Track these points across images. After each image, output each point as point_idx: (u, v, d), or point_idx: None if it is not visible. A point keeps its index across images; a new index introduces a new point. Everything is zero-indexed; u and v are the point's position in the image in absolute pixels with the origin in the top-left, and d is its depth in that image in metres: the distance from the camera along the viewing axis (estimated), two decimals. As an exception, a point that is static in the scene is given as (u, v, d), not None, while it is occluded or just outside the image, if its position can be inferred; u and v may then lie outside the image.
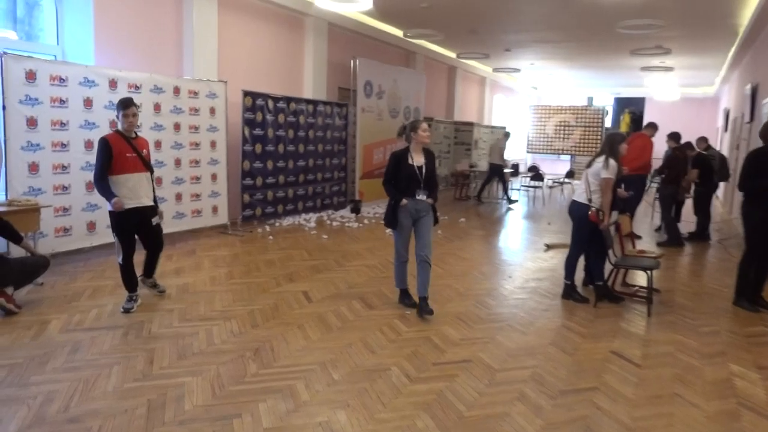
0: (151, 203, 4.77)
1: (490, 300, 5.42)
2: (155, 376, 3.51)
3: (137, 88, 6.69)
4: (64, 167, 5.97)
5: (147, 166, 4.72)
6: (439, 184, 5.08)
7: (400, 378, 3.61)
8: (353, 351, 4.03)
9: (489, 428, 3.05)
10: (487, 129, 18.00)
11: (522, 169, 18.21)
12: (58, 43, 6.77)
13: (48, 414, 3.00)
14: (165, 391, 3.32)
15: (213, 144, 7.80)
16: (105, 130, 6.01)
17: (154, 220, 4.76)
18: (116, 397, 3.23)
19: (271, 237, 7.96)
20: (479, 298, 5.47)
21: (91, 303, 4.83)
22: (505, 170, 13.22)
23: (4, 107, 5.42)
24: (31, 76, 5.60)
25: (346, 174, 10.98)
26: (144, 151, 4.71)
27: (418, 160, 4.81)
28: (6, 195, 5.53)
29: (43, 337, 4.04)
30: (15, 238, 4.71)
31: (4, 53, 5.41)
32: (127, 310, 4.62)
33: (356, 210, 10.37)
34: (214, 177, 7.87)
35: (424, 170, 4.79)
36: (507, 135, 13.70)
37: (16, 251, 5.17)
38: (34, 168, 5.69)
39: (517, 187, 14.82)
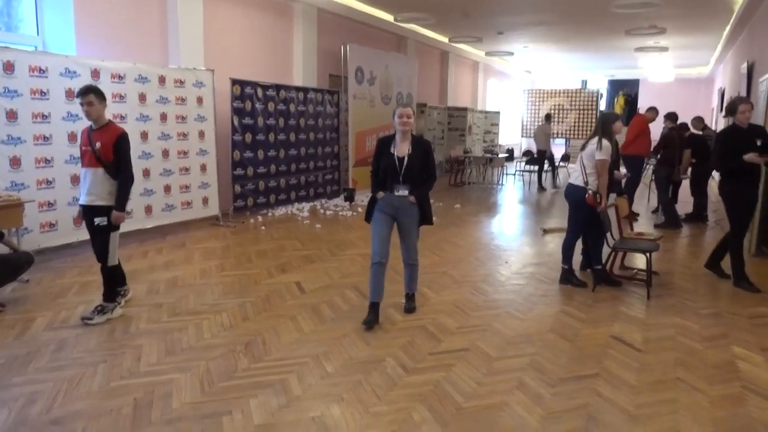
0: (98, 203, 4.16)
1: (486, 286, 5.32)
2: (142, 374, 3.39)
3: (121, 78, 6.51)
4: (47, 161, 5.81)
5: (99, 162, 4.12)
6: (436, 178, 4.51)
7: (395, 369, 3.51)
8: (347, 342, 3.92)
9: (488, 419, 2.96)
10: (480, 114, 17.84)
11: (517, 153, 18.09)
12: (38, 34, 6.58)
13: (30, 416, 2.89)
14: (152, 389, 3.20)
15: (201, 134, 7.64)
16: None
17: (97, 220, 4.20)
18: (101, 396, 3.11)
19: (263, 227, 7.83)
20: (476, 284, 5.37)
21: (78, 299, 4.70)
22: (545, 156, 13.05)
23: (-18, 100, 5.26)
24: (9, 67, 5.43)
25: (339, 162, 10.83)
26: (97, 144, 4.10)
27: (401, 150, 4.25)
28: (-13, 190, 5.37)
29: (27, 336, 3.92)
30: (-5, 234, 4.57)
31: (-20, 44, 5.24)
32: (114, 306, 4.48)
33: (350, 198, 10.24)
34: (203, 168, 7.71)
35: (405, 162, 4.23)
36: (548, 117, 13.58)
37: (-1, 248, 5.03)
38: (15, 162, 5.53)
39: (512, 172, 14.69)
